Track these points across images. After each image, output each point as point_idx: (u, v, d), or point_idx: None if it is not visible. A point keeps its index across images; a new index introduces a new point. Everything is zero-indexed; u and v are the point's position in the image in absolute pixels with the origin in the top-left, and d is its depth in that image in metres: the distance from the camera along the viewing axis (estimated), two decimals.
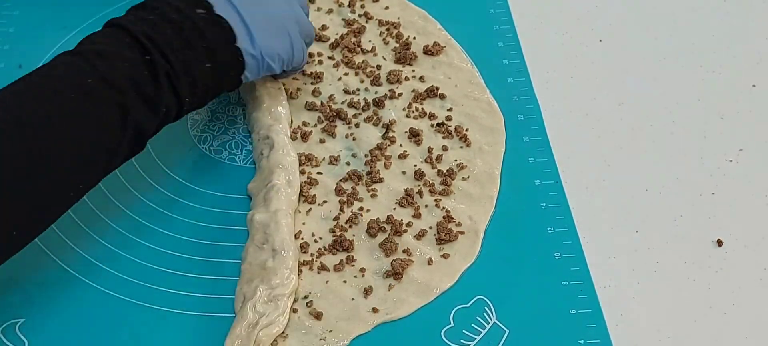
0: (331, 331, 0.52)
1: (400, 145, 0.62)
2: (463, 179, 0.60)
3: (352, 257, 0.55)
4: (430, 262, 0.55)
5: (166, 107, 0.51)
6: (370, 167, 0.60)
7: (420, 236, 0.57)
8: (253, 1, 0.56)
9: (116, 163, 0.51)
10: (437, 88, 0.65)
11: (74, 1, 0.73)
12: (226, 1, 0.55)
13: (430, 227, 0.57)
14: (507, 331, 0.52)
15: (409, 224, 0.57)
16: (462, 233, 0.57)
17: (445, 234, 0.56)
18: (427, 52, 0.68)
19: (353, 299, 0.53)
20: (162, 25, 0.52)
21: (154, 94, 0.50)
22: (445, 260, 0.55)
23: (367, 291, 0.54)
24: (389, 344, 0.51)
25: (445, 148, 0.61)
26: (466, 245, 0.56)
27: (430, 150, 0.61)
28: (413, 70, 0.67)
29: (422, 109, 0.64)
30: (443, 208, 0.58)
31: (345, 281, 0.54)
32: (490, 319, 0.52)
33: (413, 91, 0.65)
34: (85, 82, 0.48)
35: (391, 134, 0.62)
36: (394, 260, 0.55)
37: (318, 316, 0.52)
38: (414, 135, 0.62)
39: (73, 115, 0.48)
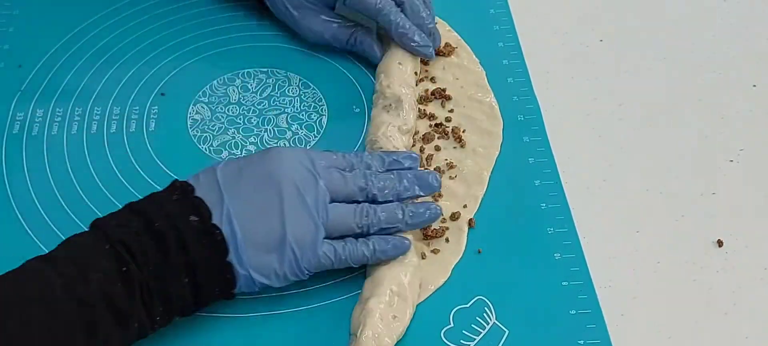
0: None
1: None
2: (451, 178, 0.59)
3: None
4: (423, 256, 0.55)
5: (138, 323, 0.47)
6: None
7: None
8: (253, 209, 0.49)
9: None
10: (444, 90, 0.65)
11: (74, 1, 0.73)
12: (224, 209, 0.49)
13: None
14: (507, 331, 0.51)
15: None
16: (447, 228, 0.56)
17: (430, 230, 0.56)
18: (439, 53, 0.68)
19: None
20: (143, 233, 0.47)
21: (126, 309, 0.46)
22: (435, 256, 0.55)
23: None
24: None
25: (437, 149, 0.61)
26: (453, 240, 0.56)
27: (421, 150, 0.61)
28: (427, 71, 0.67)
29: (423, 110, 0.64)
30: None
31: None
32: (490, 319, 0.52)
33: (425, 90, 0.65)
34: (52, 295, 0.44)
35: None
36: None
37: None
38: None
39: (32, 332, 0.43)
